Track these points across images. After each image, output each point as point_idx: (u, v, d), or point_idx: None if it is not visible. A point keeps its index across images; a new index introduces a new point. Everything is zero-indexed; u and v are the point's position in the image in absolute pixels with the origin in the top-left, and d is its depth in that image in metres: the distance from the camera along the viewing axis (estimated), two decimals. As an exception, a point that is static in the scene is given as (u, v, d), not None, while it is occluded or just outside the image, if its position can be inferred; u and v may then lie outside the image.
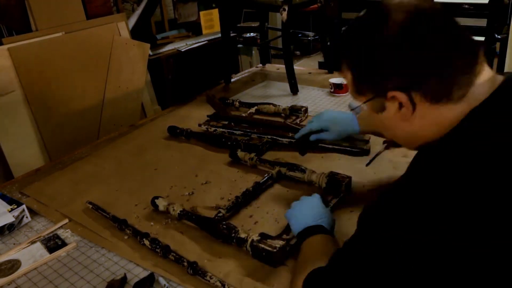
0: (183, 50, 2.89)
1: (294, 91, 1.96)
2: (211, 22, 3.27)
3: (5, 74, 1.98)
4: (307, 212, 0.95)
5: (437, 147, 0.68)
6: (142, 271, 0.95)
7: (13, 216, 1.13)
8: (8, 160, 1.99)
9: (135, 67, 2.46)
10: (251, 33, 3.03)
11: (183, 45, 2.95)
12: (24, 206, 1.16)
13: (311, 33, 4.48)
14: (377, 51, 0.70)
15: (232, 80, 2.22)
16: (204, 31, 3.27)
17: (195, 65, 2.97)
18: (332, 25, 2.56)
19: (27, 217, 1.16)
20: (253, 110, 1.73)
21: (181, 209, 1.09)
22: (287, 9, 1.80)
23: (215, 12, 3.22)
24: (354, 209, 1.09)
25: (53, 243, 1.06)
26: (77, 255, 1.02)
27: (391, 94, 0.70)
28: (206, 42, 3.06)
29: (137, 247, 1.02)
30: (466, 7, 2.24)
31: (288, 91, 1.96)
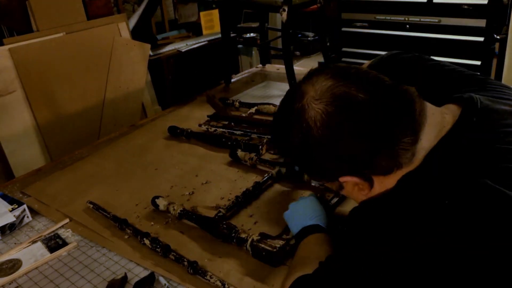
0: (183, 51, 2.90)
1: (294, 91, 1.96)
2: (211, 22, 3.28)
3: (6, 75, 1.98)
4: (303, 212, 0.96)
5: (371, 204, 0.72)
6: (142, 271, 0.95)
7: (14, 215, 1.13)
8: (9, 160, 2.00)
9: (136, 68, 2.46)
10: (251, 34, 3.04)
11: (183, 46, 2.96)
12: (25, 206, 1.16)
13: (311, 33, 4.48)
14: (312, 152, 0.68)
15: (232, 80, 2.23)
16: (204, 32, 3.28)
17: (195, 66, 2.98)
18: (332, 25, 2.56)
19: (28, 217, 1.17)
20: (253, 110, 1.73)
21: (181, 209, 1.09)
22: (287, 9, 1.81)
23: (215, 13, 3.22)
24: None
25: (54, 243, 1.06)
26: (77, 254, 1.03)
27: (342, 179, 0.71)
28: (206, 42, 3.06)
29: (137, 246, 1.02)
30: (466, 7, 2.25)
31: (288, 91, 1.96)
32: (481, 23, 2.20)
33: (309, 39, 4.51)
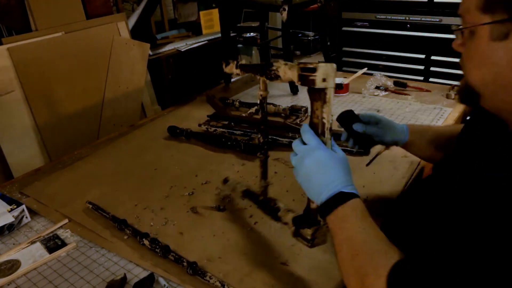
0: (183, 50, 2.89)
1: (294, 91, 1.96)
2: (211, 22, 3.27)
3: (4, 74, 1.98)
4: (331, 168, 0.73)
5: None
6: (142, 271, 0.95)
7: (12, 216, 1.12)
8: (7, 160, 1.99)
9: (135, 67, 2.46)
10: (251, 33, 3.04)
11: (183, 45, 2.96)
12: (23, 206, 1.16)
13: (311, 33, 4.48)
14: None
15: (232, 80, 2.22)
16: (204, 31, 3.28)
17: (195, 65, 2.97)
18: (332, 25, 2.55)
19: (26, 217, 1.16)
20: (253, 110, 1.73)
21: (245, 189, 1.12)
22: (287, 9, 1.80)
23: (215, 12, 3.22)
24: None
25: (53, 243, 1.06)
26: (77, 255, 1.02)
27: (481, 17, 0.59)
28: (206, 42, 3.06)
29: (137, 247, 1.02)
30: (466, 7, 2.24)
31: (288, 91, 1.96)
32: (481, 22, 2.20)
33: (309, 38, 4.52)
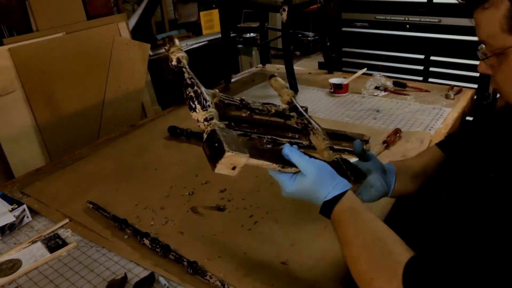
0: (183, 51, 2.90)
1: (294, 91, 1.96)
2: (211, 22, 3.28)
3: (5, 74, 1.98)
4: (325, 174, 0.76)
5: None
6: (142, 271, 0.95)
7: (14, 215, 1.13)
8: (8, 160, 1.99)
9: (136, 67, 2.46)
10: (251, 34, 3.04)
11: (183, 46, 2.96)
12: (24, 206, 1.16)
13: (311, 33, 4.48)
14: None
15: (232, 80, 2.23)
16: (204, 32, 3.28)
17: (195, 65, 2.97)
18: (332, 26, 2.56)
19: (27, 217, 1.16)
20: (253, 110, 1.73)
21: None
22: (287, 9, 1.81)
23: (215, 13, 3.23)
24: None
25: (53, 243, 1.06)
26: (77, 254, 1.03)
27: None
28: (206, 42, 3.06)
29: (137, 246, 1.02)
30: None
31: (288, 91, 1.96)
32: (481, 23, 2.20)
33: (309, 39, 4.52)
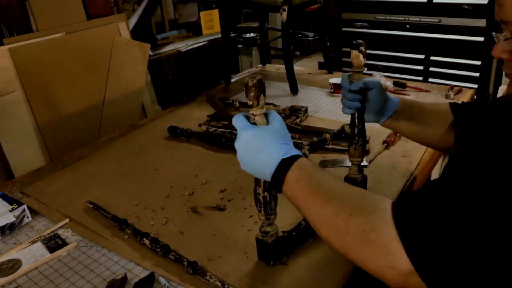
0: (183, 50, 2.90)
1: (294, 91, 1.96)
2: (211, 22, 3.28)
3: (6, 74, 1.98)
4: (262, 145, 0.74)
5: None
6: (142, 271, 0.95)
7: (14, 215, 1.13)
8: (9, 160, 2.00)
9: (136, 67, 2.46)
10: (251, 34, 3.04)
11: (183, 46, 2.96)
12: (24, 206, 1.16)
13: (311, 33, 4.48)
14: None
15: (232, 80, 2.23)
16: (204, 32, 3.28)
17: (195, 65, 2.98)
18: (332, 26, 2.56)
19: (27, 217, 1.16)
20: (253, 110, 1.73)
21: None
22: (287, 9, 1.81)
23: (215, 13, 3.23)
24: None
25: (53, 243, 1.06)
26: (77, 254, 1.03)
27: None
28: (206, 42, 3.07)
29: (137, 246, 1.02)
30: (466, 7, 2.25)
31: (288, 91, 1.97)
32: (481, 23, 2.21)
33: (309, 39, 4.52)
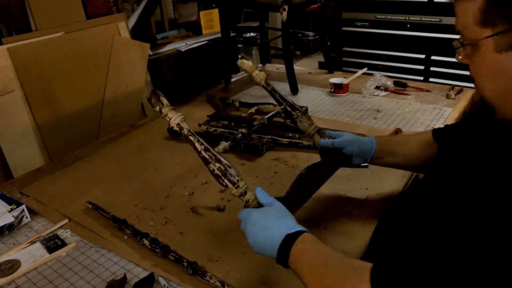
0: (183, 50, 2.89)
1: (294, 91, 1.96)
2: (211, 22, 3.27)
3: (5, 74, 1.98)
4: (268, 225, 0.75)
5: None
6: (142, 271, 0.95)
7: (12, 216, 1.12)
8: (8, 160, 1.99)
9: (135, 67, 2.46)
10: (251, 33, 3.04)
11: (183, 45, 2.95)
12: (24, 206, 1.16)
13: (311, 33, 4.49)
14: None
15: (232, 80, 2.23)
16: (204, 31, 3.27)
17: (195, 65, 2.97)
18: (332, 25, 2.56)
19: (27, 217, 1.16)
20: (253, 110, 1.73)
21: None
22: (287, 9, 1.80)
23: (215, 12, 3.22)
24: (353, 210, 1.09)
25: (53, 243, 1.06)
26: (77, 255, 1.02)
27: (484, 32, 0.60)
28: (206, 42, 3.06)
29: (137, 247, 1.02)
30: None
31: (288, 91, 1.96)
32: (481, 22, 2.20)
33: (309, 38, 4.52)
